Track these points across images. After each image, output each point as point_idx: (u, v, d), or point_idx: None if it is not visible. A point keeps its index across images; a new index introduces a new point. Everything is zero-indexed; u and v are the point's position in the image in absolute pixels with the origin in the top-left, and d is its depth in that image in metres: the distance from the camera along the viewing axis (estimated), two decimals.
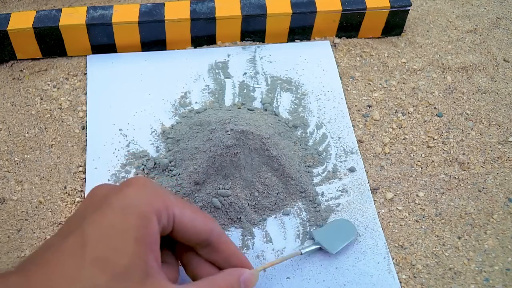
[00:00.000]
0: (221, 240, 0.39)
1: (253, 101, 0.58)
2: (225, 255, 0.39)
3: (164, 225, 0.35)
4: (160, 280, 0.33)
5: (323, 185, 0.52)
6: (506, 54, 0.65)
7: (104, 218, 0.33)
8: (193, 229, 0.37)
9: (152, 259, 0.33)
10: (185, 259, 0.40)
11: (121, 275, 0.31)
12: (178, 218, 0.36)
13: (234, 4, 0.62)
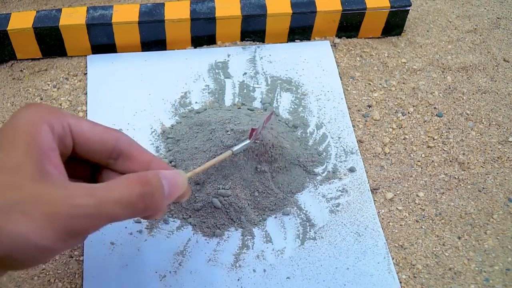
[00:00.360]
0: (132, 146, 0.36)
1: (253, 101, 0.58)
2: (142, 161, 0.36)
3: (60, 133, 0.33)
4: (57, 177, 0.31)
5: (323, 185, 0.52)
6: (506, 54, 0.65)
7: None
8: (96, 137, 0.34)
9: (48, 164, 0.31)
10: (101, 179, 0.37)
11: (12, 170, 0.30)
12: (75, 127, 0.34)
13: (234, 4, 0.62)
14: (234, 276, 0.46)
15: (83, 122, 0.34)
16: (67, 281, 0.46)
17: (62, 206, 0.29)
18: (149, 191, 0.32)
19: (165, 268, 0.46)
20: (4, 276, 0.46)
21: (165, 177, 0.34)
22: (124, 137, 0.36)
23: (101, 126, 0.35)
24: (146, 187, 0.32)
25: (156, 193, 0.33)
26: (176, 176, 0.35)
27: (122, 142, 0.36)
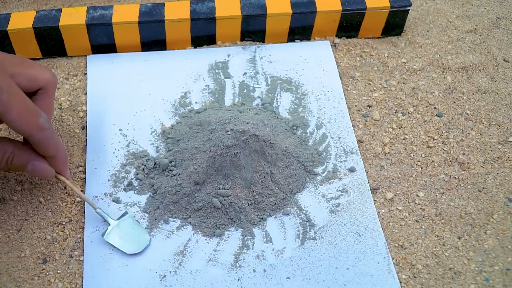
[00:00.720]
0: (40, 144, 0.44)
1: (253, 101, 0.58)
2: (43, 154, 0.46)
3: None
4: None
5: (323, 185, 0.52)
6: (506, 54, 0.65)
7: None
8: (13, 128, 0.42)
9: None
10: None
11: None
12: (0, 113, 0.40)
13: (234, 4, 0.62)
14: (234, 276, 0.46)
15: (8, 115, 0.41)
16: (67, 281, 0.46)
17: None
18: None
19: (165, 268, 0.46)
20: (4, 276, 0.46)
21: (34, 164, 0.46)
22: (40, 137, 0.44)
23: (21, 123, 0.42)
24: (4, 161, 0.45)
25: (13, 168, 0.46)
26: (43, 167, 0.46)
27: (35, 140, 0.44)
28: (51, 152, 0.45)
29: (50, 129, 0.44)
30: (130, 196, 0.51)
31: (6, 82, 0.41)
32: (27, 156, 0.45)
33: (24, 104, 0.42)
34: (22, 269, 0.46)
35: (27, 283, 0.46)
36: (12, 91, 0.41)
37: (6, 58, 0.44)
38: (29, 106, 0.42)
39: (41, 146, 0.44)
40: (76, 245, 0.48)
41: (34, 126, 0.42)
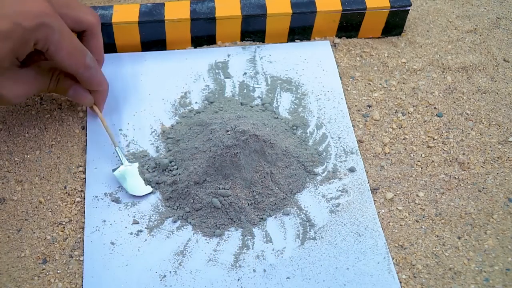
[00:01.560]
0: (85, 81, 0.50)
1: (253, 101, 0.58)
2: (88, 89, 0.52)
3: (39, 48, 0.44)
4: (14, 70, 0.46)
5: (323, 185, 0.52)
6: (506, 54, 0.65)
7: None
8: (61, 66, 0.47)
9: (14, 60, 0.44)
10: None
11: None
12: (50, 52, 0.45)
13: (234, 4, 0.62)
14: (234, 276, 0.46)
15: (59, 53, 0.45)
16: (67, 281, 0.46)
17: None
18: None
19: (165, 268, 0.46)
20: (4, 276, 0.46)
21: (76, 89, 0.52)
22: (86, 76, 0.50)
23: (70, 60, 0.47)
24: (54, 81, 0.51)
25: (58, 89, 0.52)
26: (83, 95, 0.52)
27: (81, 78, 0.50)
28: (94, 87, 0.52)
29: (95, 67, 0.49)
30: (130, 196, 0.51)
31: (57, 22, 0.44)
32: (71, 81, 0.51)
33: (73, 43, 0.46)
34: (22, 269, 0.46)
35: (27, 283, 0.46)
36: (63, 31, 0.44)
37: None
38: (77, 46, 0.47)
39: (86, 82, 0.50)
40: (76, 245, 0.48)
41: (81, 65, 0.47)
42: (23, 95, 0.48)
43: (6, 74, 0.45)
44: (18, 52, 0.43)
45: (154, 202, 0.50)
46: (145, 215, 0.49)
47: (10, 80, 0.46)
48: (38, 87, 0.49)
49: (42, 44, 0.44)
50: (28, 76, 0.47)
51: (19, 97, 0.47)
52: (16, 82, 0.46)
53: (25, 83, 0.47)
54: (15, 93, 0.46)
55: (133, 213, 0.49)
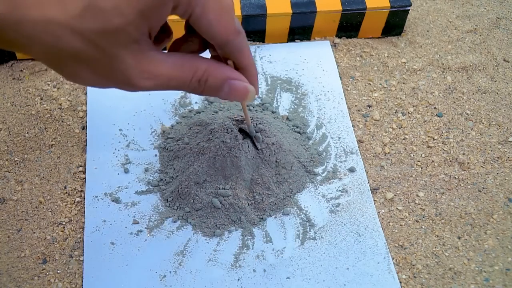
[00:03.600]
0: (237, 52, 0.37)
1: (253, 101, 0.58)
2: (237, 64, 0.38)
3: (179, 14, 0.34)
4: (143, 47, 0.33)
5: (323, 185, 0.52)
6: (506, 54, 0.65)
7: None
8: (208, 33, 0.35)
9: (144, 32, 0.32)
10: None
11: (109, 33, 0.31)
12: (195, 17, 0.34)
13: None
14: (234, 276, 0.46)
15: (206, 16, 0.34)
16: (67, 281, 0.46)
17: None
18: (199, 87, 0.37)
19: (165, 268, 0.46)
20: (4, 276, 0.46)
21: (232, 85, 0.38)
22: (235, 42, 0.37)
23: (220, 24, 0.35)
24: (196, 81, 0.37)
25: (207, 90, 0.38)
26: (242, 89, 0.38)
27: (230, 46, 0.37)
28: (246, 60, 0.39)
29: (244, 33, 0.38)
30: (130, 196, 0.51)
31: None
32: (223, 73, 0.37)
33: (221, 5, 0.35)
34: (22, 269, 0.46)
35: (27, 283, 0.46)
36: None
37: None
38: (225, 7, 0.35)
39: (237, 54, 0.38)
40: (76, 245, 0.48)
41: (231, 30, 0.36)
42: (149, 77, 0.34)
43: (130, 47, 0.32)
44: (150, 18, 0.32)
45: (154, 202, 0.50)
46: (145, 215, 0.49)
47: (135, 56, 0.33)
48: (172, 78, 0.36)
49: (184, 8, 0.33)
50: (163, 62, 0.35)
51: (144, 79, 0.34)
52: (143, 61, 0.34)
53: (156, 67, 0.34)
54: (139, 72, 0.34)
55: (133, 213, 0.49)
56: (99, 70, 0.33)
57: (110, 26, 0.30)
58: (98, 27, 0.30)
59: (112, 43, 0.31)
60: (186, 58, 0.36)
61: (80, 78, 0.34)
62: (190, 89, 0.37)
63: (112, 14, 0.30)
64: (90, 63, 0.32)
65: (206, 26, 0.34)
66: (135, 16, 0.31)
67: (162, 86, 0.36)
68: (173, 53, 0.36)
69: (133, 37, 0.32)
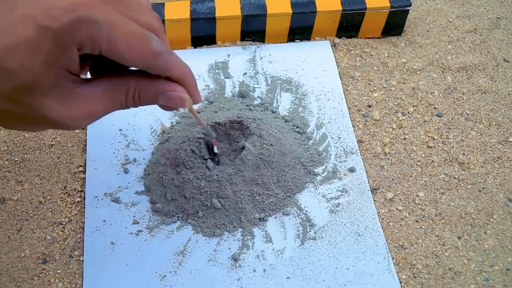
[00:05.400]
0: (163, 71, 0.37)
1: (253, 101, 0.58)
2: (171, 78, 0.39)
3: (88, 53, 0.33)
4: (67, 88, 0.33)
5: (323, 185, 0.52)
6: (506, 54, 0.65)
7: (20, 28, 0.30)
8: (126, 63, 0.34)
9: (61, 75, 0.32)
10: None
11: (24, 89, 0.31)
12: (105, 53, 0.33)
13: (234, 4, 0.62)
14: (234, 276, 0.46)
15: (116, 49, 0.33)
16: (67, 281, 0.46)
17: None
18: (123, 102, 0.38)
19: (165, 268, 0.46)
20: (4, 276, 0.46)
21: (168, 96, 0.39)
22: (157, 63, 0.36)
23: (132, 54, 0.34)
24: (131, 99, 0.38)
25: (143, 103, 0.39)
26: (177, 97, 0.40)
27: (153, 69, 0.36)
28: (178, 75, 0.38)
29: (166, 51, 0.37)
30: (130, 196, 0.51)
31: (99, 11, 0.32)
32: (155, 87, 0.38)
33: (129, 32, 0.33)
34: (22, 269, 0.46)
35: (27, 283, 0.46)
36: (111, 20, 0.33)
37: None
38: (135, 33, 0.34)
39: (165, 73, 0.37)
40: (76, 245, 0.48)
41: (148, 54, 0.35)
42: (83, 117, 0.35)
43: (51, 93, 0.32)
44: (58, 64, 0.32)
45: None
46: (145, 215, 0.49)
47: (61, 100, 0.33)
48: (107, 106, 0.37)
49: (90, 47, 0.32)
50: (91, 94, 0.35)
51: (78, 120, 0.35)
52: (71, 102, 0.34)
53: (86, 102, 0.35)
54: (69, 116, 0.34)
55: (133, 213, 0.49)
56: (31, 121, 0.34)
57: (21, 83, 0.31)
58: (11, 86, 0.31)
59: (32, 97, 0.32)
60: (114, 80, 0.36)
61: (15, 128, 0.35)
62: (128, 107, 0.38)
63: (19, 72, 0.30)
64: (19, 117, 0.33)
65: (120, 58, 0.34)
66: (41, 69, 0.31)
67: (100, 116, 0.37)
68: (100, 80, 0.36)
69: (48, 85, 0.32)
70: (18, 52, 0.30)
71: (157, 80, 0.38)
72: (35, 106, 0.32)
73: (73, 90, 0.34)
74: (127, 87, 0.37)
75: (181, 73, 0.38)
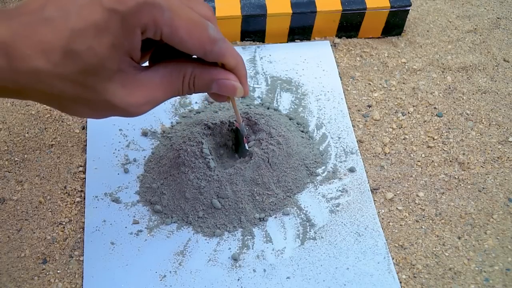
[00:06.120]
0: (219, 58, 0.38)
1: (253, 101, 0.58)
2: (225, 66, 0.39)
3: (150, 37, 0.34)
4: (129, 73, 0.35)
5: (323, 185, 0.52)
6: (506, 54, 0.65)
7: (87, 11, 0.32)
8: (184, 49, 0.36)
9: (124, 60, 0.34)
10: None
11: (90, 72, 0.33)
12: (165, 37, 0.35)
13: (234, 4, 0.62)
14: (234, 276, 0.46)
15: (177, 33, 0.35)
16: (67, 281, 0.46)
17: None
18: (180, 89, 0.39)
19: (165, 268, 0.46)
20: (4, 276, 0.46)
21: (221, 83, 0.39)
22: (213, 51, 0.37)
23: (192, 39, 0.35)
24: (186, 86, 0.39)
25: (197, 90, 0.40)
26: (230, 86, 0.40)
27: (209, 56, 0.37)
28: (231, 63, 0.39)
29: (222, 38, 0.38)
30: (130, 196, 0.51)
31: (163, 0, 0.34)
32: (209, 74, 0.39)
33: (188, 17, 0.35)
34: (22, 269, 0.46)
35: (27, 283, 0.46)
36: (172, 5, 0.34)
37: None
38: (194, 19, 0.35)
39: (220, 59, 0.38)
40: (76, 245, 0.48)
41: (206, 41, 0.36)
42: (144, 103, 0.37)
43: (115, 78, 0.34)
44: (123, 47, 0.33)
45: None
46: (145, 215, 0.49)
47: (124, 85, 0.35)
48: (166, 92, 0.38)
49: (153, 30, 0.34)
50: (151, 80, 0.37)
51: (140, 106, 0.37)
52: (133, 88, 0.36)
53: (146, 88, 0.37)
54: (132, 101, 0.36)
55: (133, 213, 0.49)
56: (96, 106, 0.35)
57: (88, 65, 0.32)
58: (78, 69, 0.32)
59: (97, 80, 0.33)
60: (171, 66, 0.38)
61: (82, 114, 0.36)
62: (184, 94, 0.40)
63: (87, 55, 0.32)
64: (85, 102, 0.35)
65: (179, 43, 0.35)
66: (108, 51, 0.32)
67: (159, 102, 0.38)
68: (158, 66, 0.37)
69: (113, 69, 0.34)
70: (86, 35, 0.31)
71: (212, 67, 0.39)
72: (100, 90, 0.34)
73: (135, 76, 0.35)
74: (184, 72, 0.38)
75: (234, 61, 0.39)
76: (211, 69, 0.39)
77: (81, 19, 0.31)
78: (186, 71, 0.38)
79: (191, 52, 0.36)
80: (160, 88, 0.38)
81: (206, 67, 0.39)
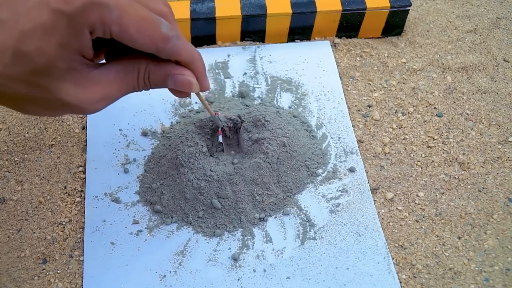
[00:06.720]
0: (173, 55, 0.38)
1: (253, 101, 0.58)
2: (180, 63, 0.39)
3: (99, 36, 0.34)
4: (82, 71, 0.35)
5: (323, 185, 0.52)
6: (506, 54, 0.65)
7: (35, 13, 0.32)
8: (135, 46, 0.36)
9: (75, 59, 0.34)
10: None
11: (40, 72, 0.33)
12: (115, 35, 0.34)
13: (234, 4, 0.62)
14: (234, 276, 0.46)
15: (127, 31, 0.35)
16: (67, 281, 0.46)
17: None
18: (133, 85, 0.39)
19: (165, 268, 0.46)
20: (4, 276, 0.46)
21: (176, 79, 0.39)
22: (166, 48, 0.37)
23: (142, 36, 0.35)
24: (142, 81, 0.39)
25: (153, 86, 0.40)
26: (186, 81, 0.39)
27: (162, 53, 0.37)
28: (186, 59, 0.39)
29: (176, 35, 0.37)
30: (130, 196, 0.51)
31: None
32: (164, 70, 0.39)
33: (139, 16, 0.35)
34: (22, 269, 0.46)
35: (27, 283, 0.46)
36: (122, 6, 0.34)
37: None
38: (145, 16, 0.35)
39: (174, 57, 0.38)
40: (76, 245, 0.48)
41: (157, 38, 0.36)
42: (99, 99, 0.37)
43: (67, 77, 0.34)
44: (72, 46, 0.33)
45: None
46: (145, 215, 0.49)
47: (76, 84, 0.35)
48: (120, 88, 0.38)
49: (101, 29, 0.34)
50: (105, 77, 0.37)
51: (94, 103, 0.37)
52: (87, 85, 0.36)
53: (101, 85, 0.37)
54: (86, 99, 0.36)
55: (133, 213, 0.49)
56: (50, 105, 0.35)
57: (38, 65, 0.32)
58: (29, 69, 0.32)
59: (49, 80, 0.33)
60: (125, 62, 0.38)
61: (38, 113, 0.37)
62: (140, 89, 0.39)
63: (35, 55, 0.32)
64: (40, 101, 0.35)
65: (130, 41, 0.35)
66: (56, 51, 0.33)
67: (115, 99, 0.38)
68: (113, 63, 0.38)
69: (64, 68, 0.34)
70: (34, 36, 0.32)
71: (168, 63, 0.39)
72: (52, 89, 0.34)
73: (88, 73, 0.35)
74: (138, 68, 0.38)
75: (190, 58, 0.39)
76: (167, 65, 0.39)
77: (30, 21, 0.32)
78: (140, 66, 0.38)
79: (143, 49, 0.36)
80: (115, 84, 0.38)
81: (161, 63, 0.39)
